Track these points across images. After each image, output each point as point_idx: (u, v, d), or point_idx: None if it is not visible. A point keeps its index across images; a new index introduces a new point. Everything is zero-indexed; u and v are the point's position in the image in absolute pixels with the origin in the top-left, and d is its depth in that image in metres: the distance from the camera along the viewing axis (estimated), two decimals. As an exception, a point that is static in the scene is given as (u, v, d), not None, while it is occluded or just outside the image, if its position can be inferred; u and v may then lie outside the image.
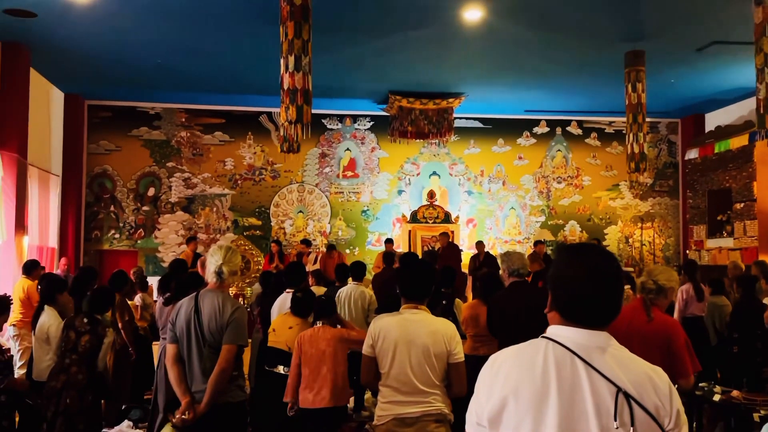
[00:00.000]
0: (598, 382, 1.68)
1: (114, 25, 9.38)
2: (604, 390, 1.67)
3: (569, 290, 1.78)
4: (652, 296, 3.91)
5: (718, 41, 9.89)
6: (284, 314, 5.36)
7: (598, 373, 1.69)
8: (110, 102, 13.98)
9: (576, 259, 1.82)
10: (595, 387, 1.67)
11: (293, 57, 7.19)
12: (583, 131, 15.49)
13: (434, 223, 13.81)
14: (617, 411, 1.65)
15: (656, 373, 1.75)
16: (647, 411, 1.67)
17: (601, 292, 1.76)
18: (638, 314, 3.86)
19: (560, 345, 1.74)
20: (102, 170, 14.01)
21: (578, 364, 1.70)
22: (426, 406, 3.41)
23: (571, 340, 1.74)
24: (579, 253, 1.84)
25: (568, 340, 1.75)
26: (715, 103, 13.95)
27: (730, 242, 13.05)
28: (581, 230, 15.28)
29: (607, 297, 1.77)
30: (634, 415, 1.65)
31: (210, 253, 4.00)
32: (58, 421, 5.02)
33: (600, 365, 1.70)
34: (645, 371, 1.73)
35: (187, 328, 3.85)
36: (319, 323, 4.92)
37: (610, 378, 1.68)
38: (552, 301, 1.83)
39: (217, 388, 3.77)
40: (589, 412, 1.66)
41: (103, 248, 13.89)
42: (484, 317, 5.69)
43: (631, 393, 1.67)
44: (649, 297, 3.91)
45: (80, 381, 5.09)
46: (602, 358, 1.71)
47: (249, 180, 14.45)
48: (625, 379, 1.68)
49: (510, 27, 9.37)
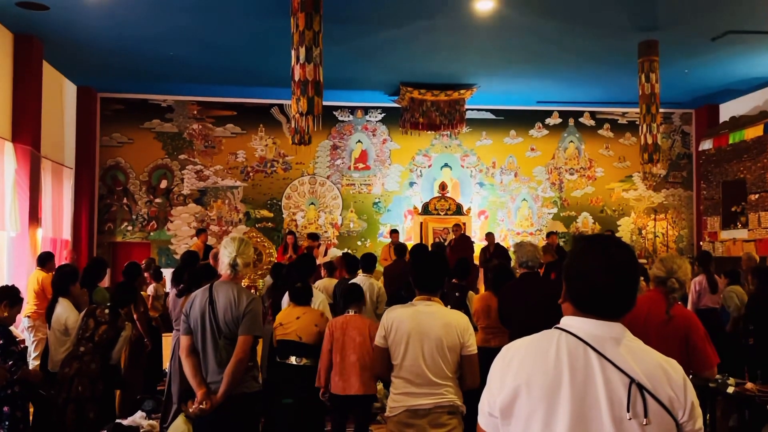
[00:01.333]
0: (611, 373, 1.67)
1: (126, 17, 9.40)
2: (617, 381, 1.66)
3: (584, 281, 1.77)
4: (676, 295, 3.82)
5: (732, 31, 9.79)
6: (288, 307, 5.41)
7: (611, 363, 1.68)
8: (123, 94, 14.02)
9: (592, 249, 1.81)
10: (608, 378, 1.67)
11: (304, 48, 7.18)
12: (596, 122, 15.40)
13: (446, 215, 13.79)
14: (630, 402, 1.64)
15: (670, 364, 1.74)
16: (661, 402, 1.66)
17: (616, 283, 1.75)
18: (655, 306, 3.78)
19: (573, 336, 1.73)
20: (115, 162, 14.07)
21: (591, 355, 1.70)
22: (438, 397, 3.42)
23: (585, 331, 1.73)
24: (595, 244, 1.83)
25: (581, 331, 1.74)
26: (730, 93, 13.82)
27: (744, 233, 12.95)
28: (594, 222, 15.21)
29: (622, 288, 1.76)
30: (648, 407, 1.64)
31: (223, 245, 4.01)
32: (69, 407, 5.08)
33: (613, 356, 1.69)
34: (659, 362, 1.72)
35: (201, 319, 3.87)
36: (351, 311, 5.07)
37: (623, 369, 1.67)
38: (566, 291, 1.82)
39: (234, 379, 3.78)
40: (601, 403, 1.65)
41: (116, 240, 13.97)
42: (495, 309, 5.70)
43: (644, 384, 1.66)
44: (672, 297, 3.81)
45: (93, 370, 5.14)
46: (616, 349, 1.70)
47: (261, 172, 14.48)
48: (639, 370, 1.67)
49: (522, 17, 9.31)
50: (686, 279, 3.87)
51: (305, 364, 5.07)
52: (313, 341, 5.07)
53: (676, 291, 3.83)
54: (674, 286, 3.81)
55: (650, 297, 3.88)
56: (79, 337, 5.24)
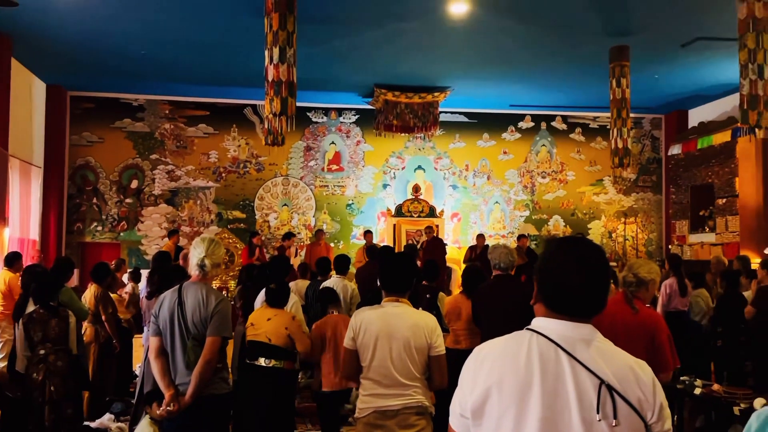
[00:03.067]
0: (581, 374, 1.68)
1: (97, 14, 9.28)
2: (587, 382, 1.67)
3: (556, 281, 1.78)
4: (632, 289, 3.95)
5: (702, 37, 9.94)
6: (261, 308, 5.40)
7: (582, 365, 1.69)
8: (93, 93, 13.83)
9: (564, 250, 1.82)
10: (579, 379, 1.67)
11: (278, 49, 7.15)
12: (568, 126, 15.54)
13: (419, 217, 13.81)
14: (600, 403, 1.65)
15: (640, 366, 1.75)
16: (630, 404, 1.67)
17: (587, 284, 1.76)
18: (622, 308, 3.89)
19: (544, 337, 1.74)
20: (84, 162, 13.88)
21: (562, 356, 1.70)
22: (407, 398, 3.43)
23: (556, 332, 1.74)
24: (567, 245, 1.84)
25: (552, 332, 1.75)
26: (699, 99, 14.03)
27: (712, 237, 13.15)
28: (565, 225, 15.34)
29: (593, 288, 1.77)
30: (617, 408, 1.65)
31: (193, 246, 3.99)
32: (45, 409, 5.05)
33: (584, 357, 1.70)
34: (629, 364, 1.74)
35: (170, 320, 3.84)
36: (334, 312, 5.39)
37: (593, 370, 1.68)
38: (537, 292, 1.82)
39: (202, 380, 3.76)
40: (571, 404, 1.66)
41: (86, 240, 13.77)
42: (465, 311, 5.73)
43: (614, 385, 1.67)
44: (630, 290, 3.94)
45: (60, 368, 5.14)
46: (586, 351, 1.71)
47: (233, 173, 14.38)
48: (609, 371, 1.68)
49: (495, 21, 9.36)
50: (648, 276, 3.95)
51: (274, 366, 5.06)
52: (283, 343, 5.07)
53: (633, 285, 3.93)
54: (630, 279, 3.92)
55: (618, 299, 3.96)
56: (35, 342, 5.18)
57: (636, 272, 3.95)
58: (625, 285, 3.98)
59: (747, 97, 7.12)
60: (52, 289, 5.46)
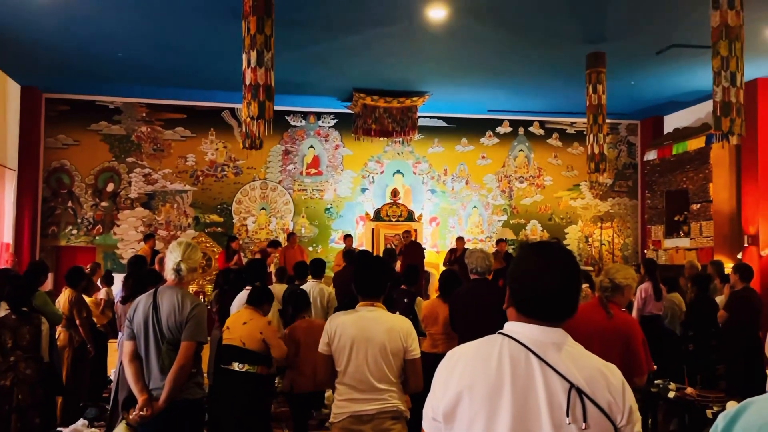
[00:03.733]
0: (551, 378, 1.69)
1: (74, 15, 9.19)
2: (558, 386, 1.69)
3: (527, 285, 1.80)
4: (608, 294, 3.97)
5: (676, 44, 10.06)
6: (239, 311, 5.40)
7: (552, 369, 1.70)
8: (69, 95, 13.68)
9: (535, 255, 1.84)
10: (549, 383, 1.69)
11: (255, 52, 7.13)
12: (545, 131, 15.65)
13: (397, 221, 13.83)
14: (569, 407, 1.66)
15: (609, 369, 1.77)
16: (599, 407, 1.68)
17: (558, 288, 1.78)
18: (597, 313, 3.91)
19: (516, 341, 1.75)
20: (59, 165, 13.73)
21: (533, 360, 1.72)
22: (382, 403, 3.43)
23: (527, 336, 1.76)
24: (538, 250, 1.86)
25: (523, 336, 1.76)
26: (674, 106, 14.20)
27: (687, 242, 13.30)
28: (542, 229, 15.44)
29: (564, 293, 1.79)
30: (587, 411, 1.67)
31: (169, 250, 3.97)
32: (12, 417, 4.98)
33: (554, 361, 1.71)
34: (598, 368, 1.75)
35: (144, 324, 3.82)
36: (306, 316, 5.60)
37: (563, 374, 1.69)
38: (510, 296, 1.84)
39: (176, 385, 3.74)
40: (542, 408, 1.67)
41: (60, 244, 13.62)
42: (442, 315, 5.76)
43: (584, 389, 1.68)
44: (605, 295, 3.97)
45: (29, 376, 5.07)
46: (557, 355, 1.73)
47: (211, 176, 14.30)
48: (579, 375, 1.70)
49: (474, 26, 9.41)
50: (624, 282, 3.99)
51: (247, 371, 5.04)
52: (257, 348, 5.05)
53: (608, 290, 3.96)
54: (605, 284, 3.95)
55: (594, 304, 3.99)
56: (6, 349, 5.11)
57: (612, 277, 3.98)
58: (601, 290, 4.01)
59: (720, 104, 7.21)
60: (25, 294, 5.38)
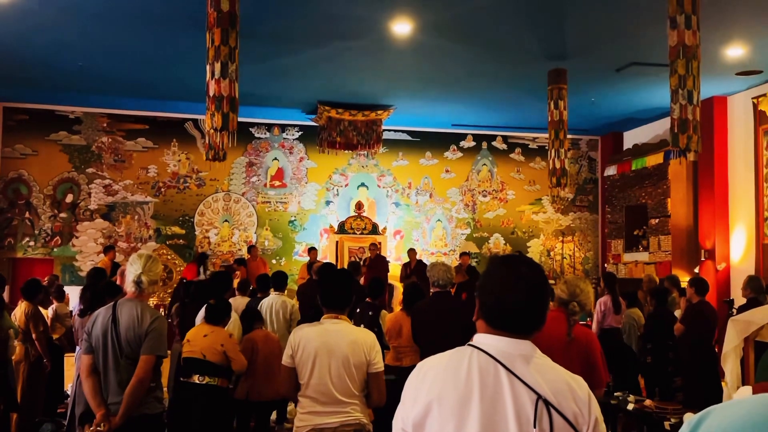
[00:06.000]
0: (519, 389, 1.71)
1: (31, 23, 9.02)
2: (525, 397, 1.70)
3: (495, 298, 1.82)
4: (576, 318, 3.97)
5: (636, 62, 10.27)
6: (199, 324, 5.35)
7: (520, 380, 1.72)
8: (27, 104, 13.42)
9: (504, 268, 1.87)
10: (517, 394, 1.70)
11: (219, 64, 7.07)
12: (508, 146, 15.82)
13: (362, 234, 13.83)
14: (537, 418, 1.68)
15: (576, 381, 1.79)
16: (566, 418, 1.70)
17: (527, 301, 1.80)
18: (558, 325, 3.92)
19: (485, 353, 1.77)
20: (17, 175, 13.44)
21: (501, 372, 1.73)
22: (344, 416, 3.42)
23: (496, 348, 1.77)
24: (507, 263, 1.89)
25: (492, 348, 1.77)
26: (633, 122, 14.48)
27: (646, 256, 13.54)
28: (505, 243, 15.57)
29: (532, 306, 1.81)
30: (553, 422, 1.69)
31: (129, 262, 3.91)
32: None
33: (522, 373, 1.73)
34: (565, 379, 1.78)
35: (103, 338, 3.75)
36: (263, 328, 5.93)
37: (531, 386, 1.71)
38: (479, 309, 1.86)
39: (134, 400, 3.68)
40: (509, 419, 1.69)
41: (17, 256, 13.31)
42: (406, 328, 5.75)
43: (550, 400, 1.70)
44: (573, 318, 3.95)
45: None
46: (525, 367, 1.74)
47: (173, 188, 14.14)
48: (546, 387, 1.72)
49: (438, 41, 9.49)
50: (587, 302, 4.01)
51: (208, 383, 4.98)
52: (218, 360, 5.00)
53: (577, 314, 3.97)
54: (575, 309, 3.95)
55: (553, 317, 3.99)
56: None
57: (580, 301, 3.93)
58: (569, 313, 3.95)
59: (677, 121, 7.36)
60: None
